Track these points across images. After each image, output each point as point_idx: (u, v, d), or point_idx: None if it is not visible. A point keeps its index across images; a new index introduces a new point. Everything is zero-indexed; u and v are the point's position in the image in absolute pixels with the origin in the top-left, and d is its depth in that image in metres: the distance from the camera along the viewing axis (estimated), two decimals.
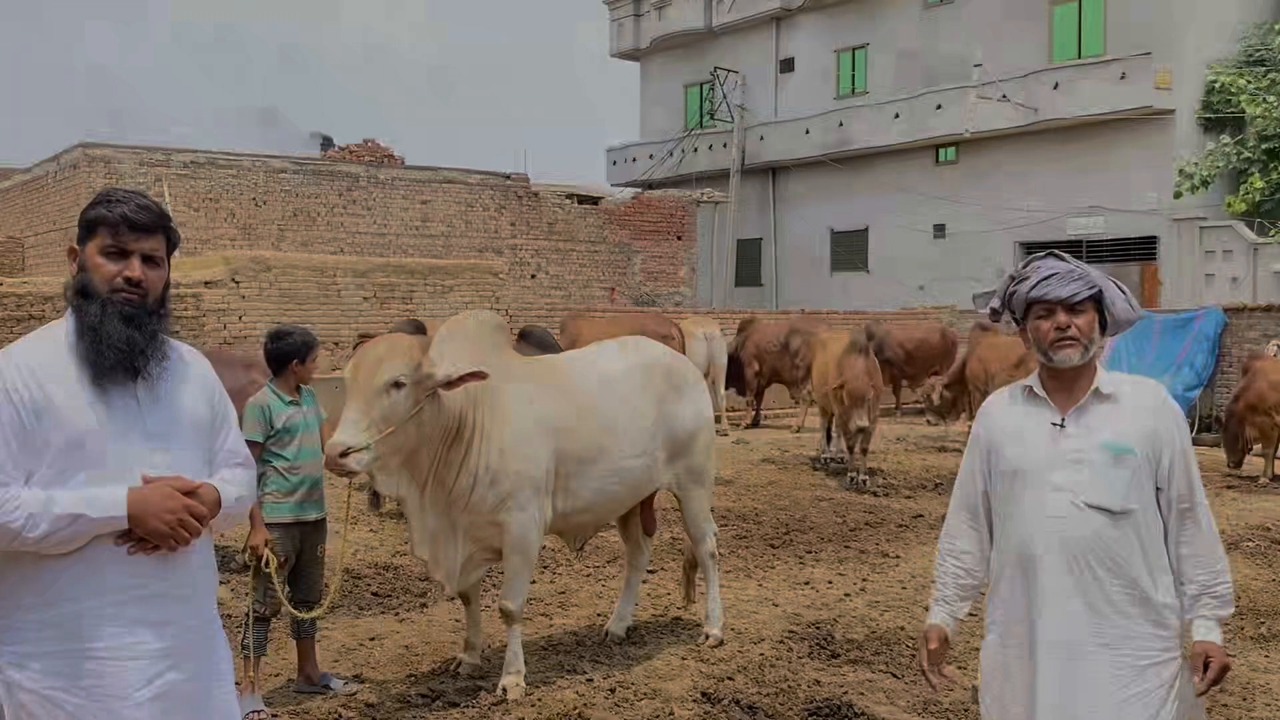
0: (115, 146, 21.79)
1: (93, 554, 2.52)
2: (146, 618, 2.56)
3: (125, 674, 2.52)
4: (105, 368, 2.56)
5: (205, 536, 2.70)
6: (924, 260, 28.93)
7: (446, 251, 24.65)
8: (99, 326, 2.57)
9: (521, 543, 5.26)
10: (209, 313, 15.34)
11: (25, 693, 2.50)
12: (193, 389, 2.75)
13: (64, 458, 2.51)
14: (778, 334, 17.24)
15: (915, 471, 12.91)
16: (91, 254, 2.64)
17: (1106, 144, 25.27)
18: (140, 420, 2.61)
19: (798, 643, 6.18)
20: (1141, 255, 24.98)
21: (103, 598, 2.52)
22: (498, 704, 5.16)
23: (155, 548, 2.56)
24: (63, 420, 2.52)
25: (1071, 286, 3.01)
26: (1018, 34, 26.79)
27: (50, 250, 23.21)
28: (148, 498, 2.53)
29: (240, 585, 7.31)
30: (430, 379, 4.82)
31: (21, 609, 2.53)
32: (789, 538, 9.07)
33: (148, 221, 2.65)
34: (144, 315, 2.63)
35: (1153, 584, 2.94)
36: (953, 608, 3.20)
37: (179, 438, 2.67)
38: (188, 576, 2.65)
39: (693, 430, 6.02)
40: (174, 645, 2.59)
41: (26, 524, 2.44)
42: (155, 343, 2.63)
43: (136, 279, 2.63)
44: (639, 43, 36.43)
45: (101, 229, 2.64)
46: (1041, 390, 3.09)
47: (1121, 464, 2.94)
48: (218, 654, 2.74)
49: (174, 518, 2.54)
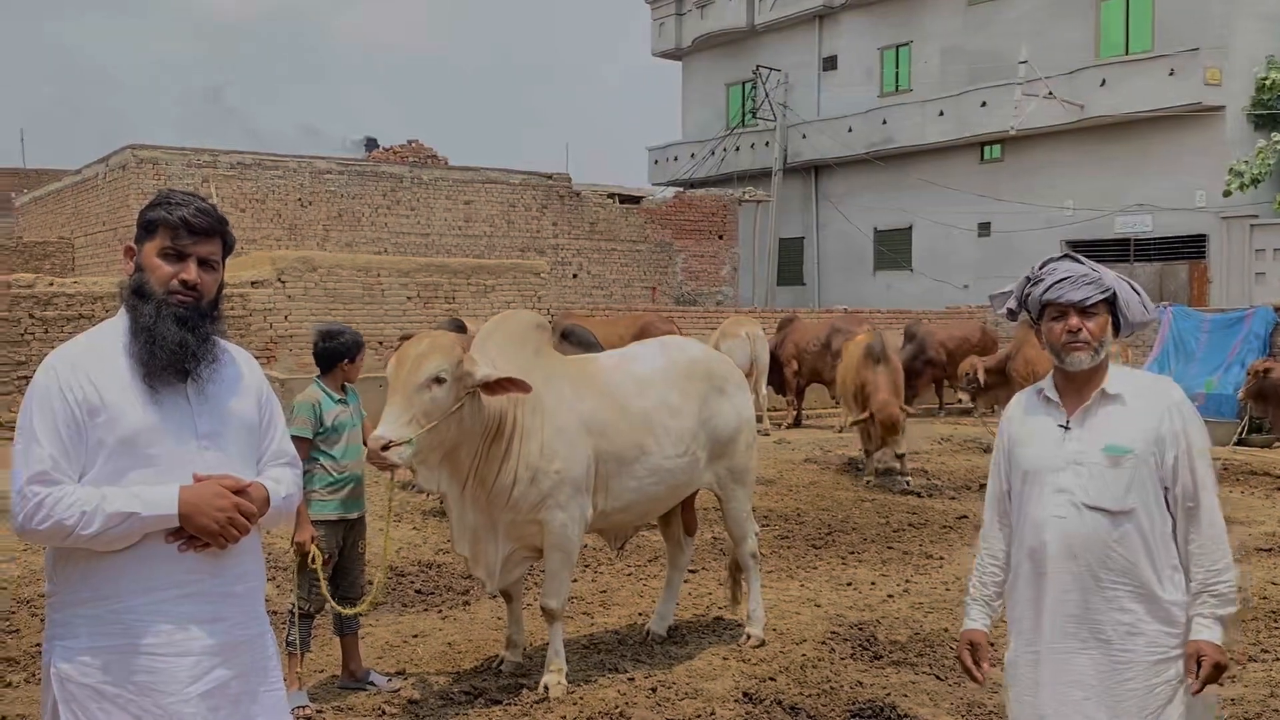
0: (164, 148, 22.09)
1: (145, 551, 2.55)
2: (197, 614, 2.59)
3: (176, 669, 2.56)
4: (157, 368, 2.60)
5: (254, 535, 2.73)
6: (968, 259, 28.68)
7: (489, 251, 24.78)
8: (153, 327, 2.61)
9: (562, 541, 5.28)
10: (255, 312, 15.51)
11: (77, 686, 2.53)
12: (242, 390, 2.78)
13: (116, 456, 2.55)
14: (818, 333, 17.14)
15: (959, 472, 12.80)
16: (149, 255, 2.68)
17: (1154, 141, 24.93)
18: (191, 420, 2.65)
19: (840, 644, 6.15)
20: (1191, 254, 24.63)
21: (154, 594, 2.56)
22: (539, 702, 5.17)
23: (206, 545, 2.59)
24: (115, 419, 2.55)
25: (1084, 290, 3.06)
26: (1064, 30, 26.49)
27: (100, 251, 23.56)
28: (199, 496, 2.56)
29: (285, 582, 7.39)
30: (471, 377, 4.85)
31: (75, 604, 2.57)
32: (831, 538, 9.03)
33: (206, 226, 2.69)
34: (197, 318, 2.66)
35: (1158, 582, 2.98)
36: (990, 607, 3.27)
37: (228, 437, 2.70)
38: (237, 574, 2.68)
39: (734, 430, 6.00)
40: (224, 642, 2.63)
41: (80, 521, 2.47)
42: (207, 345, 2.67)
43: (193, 282, 2.66)
44: (681, 42, 36.38)
45: (161, 230, 2.68)
46: (1053, 392, 3.15)
47: (1119, 465, 3.00)
48: (266, 651, 2.77)
49: (224, 516, 2.57)
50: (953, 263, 28.92)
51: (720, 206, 29.17)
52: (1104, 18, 26.05)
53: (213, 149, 22.55)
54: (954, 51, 29.21)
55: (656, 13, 37.00)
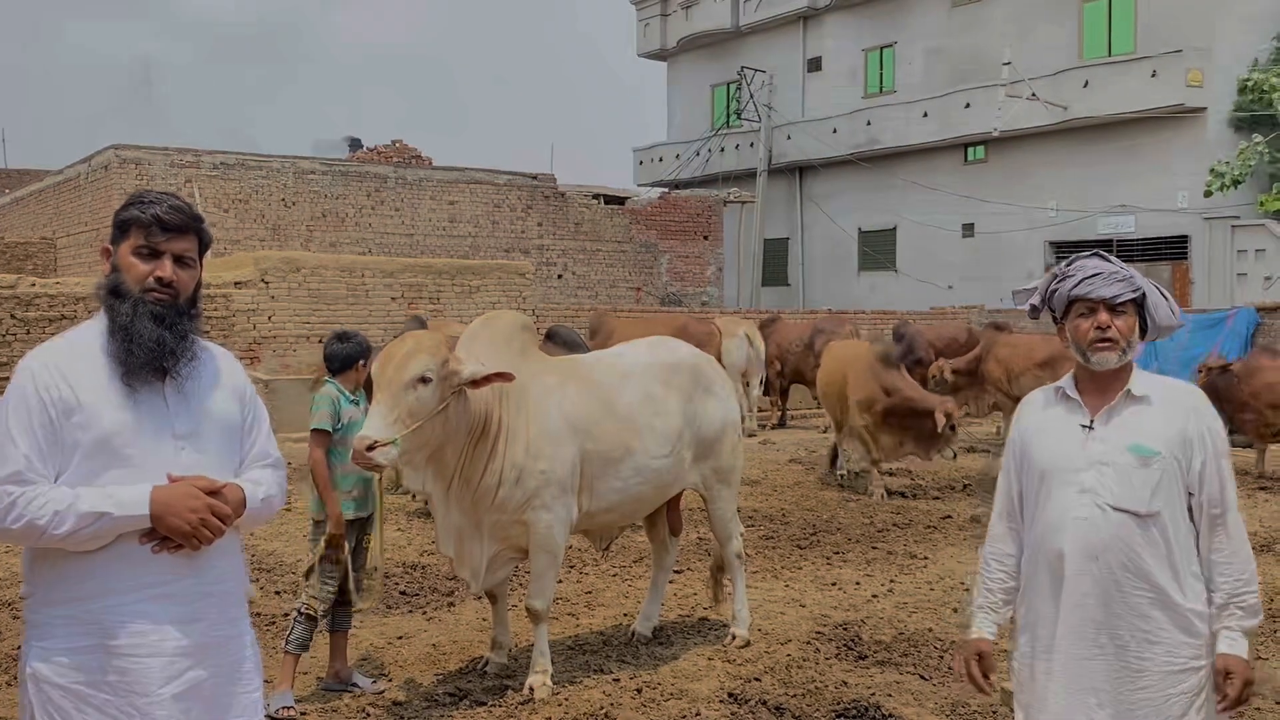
0: (147, 148, 21.99)
1: (120, 551, 2.55)
2: (172, 615, 2.59)
3: (149, 670, 2.55)
4: (134, 366, 2.59)
5: (232, 536, 2.72)
6: (952, 260, 28.77)
7: (474, 252, 24.74)
8: (130, 325, 2.60)
9: (547, 541, 5.27)
10: (238, 313, 15.45)
11: (53, 687, 2.53)
12: (223, 389, 2.77)
13: (92, 456, 2.54)
14: (801, 333, 17.18)
15: (944, 472, 12.83)
16: (124, 254, 2.67)
17: (1137, 142, 25.06)
18: (168, 420, 2.64)
19: (825, 644, 6.16)
20: (1173, 254, 24.76)
21: (129, 594, 2.55)
22: (524, 703, 5.16)
23: (179, 547, 2.58)
24: (91, 419, 2.55)
25: (1115, 287, 2.98)
26: (1047, 32, 26.61)
27: (82, 251, 23.45)
28: (171, 497, 2.55)
29: (268, 584, 7.36)
30: (456, 376, 4.85)
31: (49, 605, 2.57)
32: (816, 538, 9.04)
33: (180, 223, 2.68)
34: (175, 315, 2.65)
35: (1179, 589, 2.91)
36: (998, 614, 3.19)
37: (206, 438, 2.69)
38: (215, 575, 2.67)
39: (719, 430, 6.00)
40: (199, 643, 2.62)
41: (52, 521, 2.47)
42: (185, 343, 2.66)
43: (168, 279, 2.66)
44: (666, 43, 36.41)
45: (134, 229, 2.67)
46: (1074, 391, 3.07)
47: (1147, 466, 2.92)
48: (243, 653, 2.76)
49: (196, 517, 2.56)
50: (937, 263, 29.00)
51: (705, 207, 29.18)
52: (1087, 19, 26.17)
53: (195, 149, 22.45)
54: (938, 53, 29.30)
55: (641, 13, 37.03)
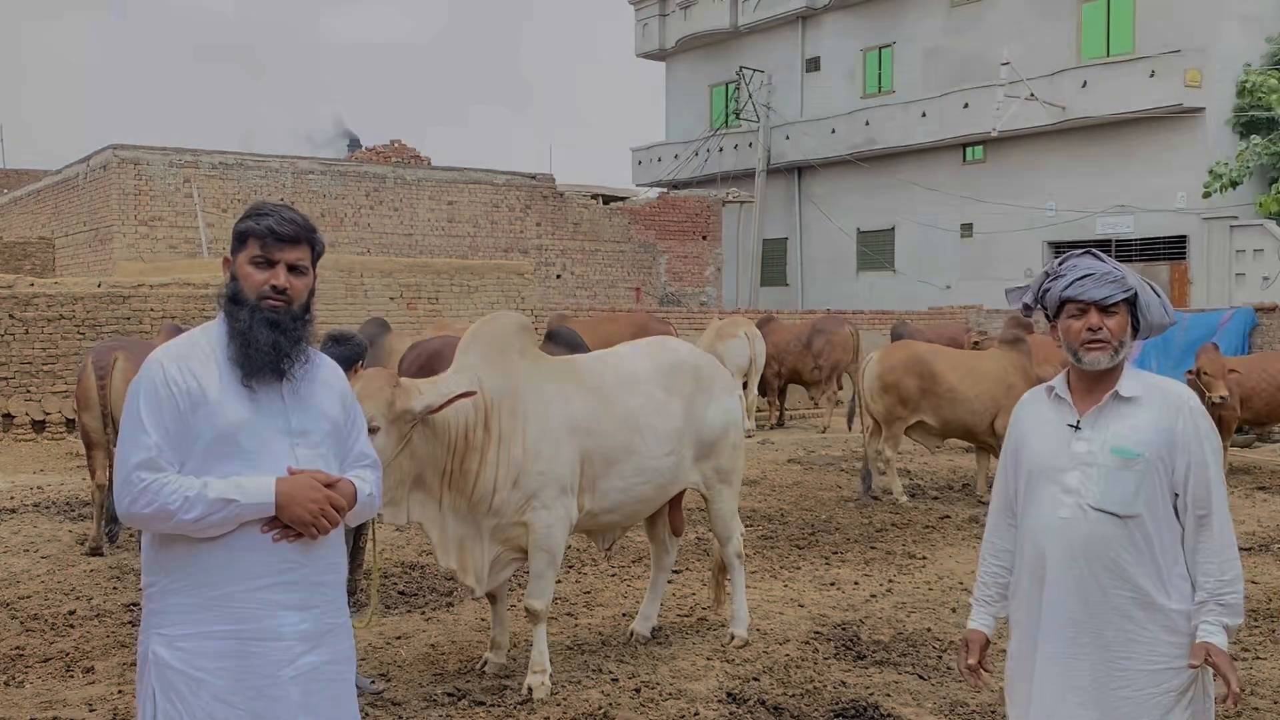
0: (146, 148, 21.97)
1: (240, 540, 2.68)
2: (290, 602, 2.72)
3: (270, 655, 2.68)
4: (254, 369, 2.74)
5: (339, 529, 2.86)
6: (951, 260, 28.80)
7: (472, 252, 24.75)
8: (248, 331, 2.75)
9: (547, 542, 5.27)
10: None
11: (174, 672, 2.65)
12: (329, 392, 2.91)
13: (214, 449, 2.68)
14: (798, 333, 17.18)
15: (942, 473, 12.85)
16: (242, 264, 2.82)
17: (1136, 143, 25.08)
18: (285, 417, 2.79)
19: (823, 644, 6.16)
20: (1171, 255, 24.78)
21: (250, 582, 2.68)
22: (523, 703, 5.17)
23: (298, 536, 2.72)
24: (215, 413, 2.69)
25: (1106, 288, 2.99)
26: (1046, 32, 26.62)
27: (81, 251, 23.44)
28: (294, 488, 2.69)
29: None
30: (409, 412, 4.82)
31: (173, 592, 2.69)
32: (815, 538, 9.05)
33: (292, 233, 2.82)
34: (289, 321, 2.80)
35: (1163, 589, 2.92)
36: (994, 608, 3.22)
37: (317, 436, 2.84)
38: (326, 564, 2.81)
39: (720, 430, 6.00)
40: (313, 629, 2.76)
41: (182, 506, 2.60)
42: (299, 346, 2.81)
43: (282, 287, 2.80)
44: (664, 43, 36.41)
45: (250, 240, 2.81)
46: (1065, 391, 3.09)
47: (1129, 468, 2.94)
48: (349, 640, 2.90)
49: (317, 507, 2.71)
50: (935, 263, 29.02)
51: (704, 207, 29.19)
52: (1085, 19, 26.19)
53: (195, 149, 22.45)
54: (936, 53, 29.31)
55: (640, 14, 37.03)
